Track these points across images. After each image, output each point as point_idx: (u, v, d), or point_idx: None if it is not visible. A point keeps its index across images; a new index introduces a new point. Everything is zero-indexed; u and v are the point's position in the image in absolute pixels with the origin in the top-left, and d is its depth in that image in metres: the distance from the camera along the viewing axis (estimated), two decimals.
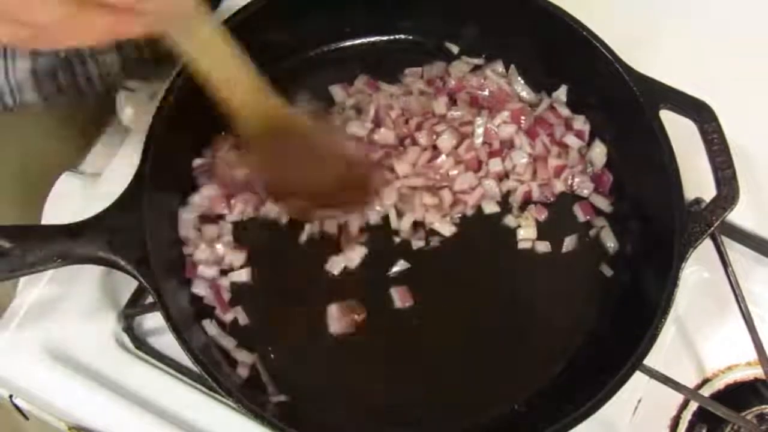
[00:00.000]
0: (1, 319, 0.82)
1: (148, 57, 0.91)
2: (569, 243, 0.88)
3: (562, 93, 0.93)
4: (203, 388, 0.81)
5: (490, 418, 0.81)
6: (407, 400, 0.81)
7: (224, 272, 0.84)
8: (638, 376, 0.76)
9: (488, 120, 0.90)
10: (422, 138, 0.89)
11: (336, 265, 0.85)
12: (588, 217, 0.89)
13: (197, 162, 0.86)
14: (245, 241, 0.85)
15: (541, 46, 0.93)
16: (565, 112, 0.92)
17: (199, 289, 0.82)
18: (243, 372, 0.80)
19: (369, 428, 0.81)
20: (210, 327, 0.81)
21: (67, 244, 0.74)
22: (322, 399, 0.80)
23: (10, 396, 0.80)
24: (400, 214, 0.87)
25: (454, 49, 0.95)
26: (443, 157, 0.88)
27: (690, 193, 0.85)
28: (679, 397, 0.86)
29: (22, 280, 0.84)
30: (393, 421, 0.81)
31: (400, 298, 0.84)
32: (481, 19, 0.92)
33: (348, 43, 0.95)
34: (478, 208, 0.89)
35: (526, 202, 0.89)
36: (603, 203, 0.90)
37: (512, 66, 0.94)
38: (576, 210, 0.90)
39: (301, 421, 0.75)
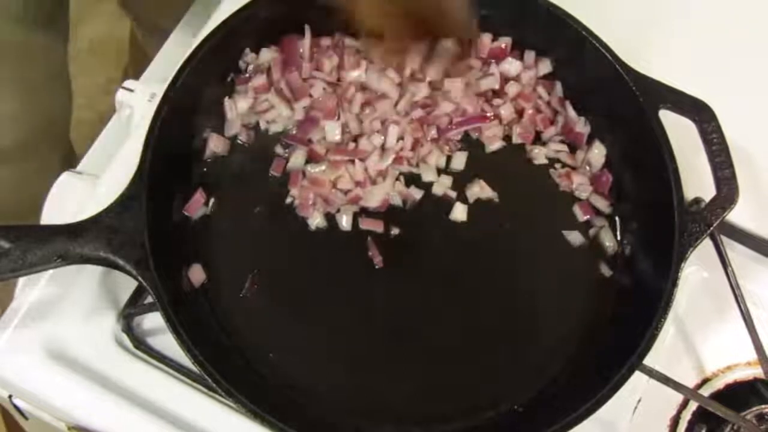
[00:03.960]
0: (1, 319, 0.82)
1: None
2: (569, 242, 0.88)
3: (558, 88, 0.94)
4: (203, 388, 0.81)
5: (490, 418, 0.81)
6: (406, 399, 0.81)
7: None
8: (638, 376, 0.76)
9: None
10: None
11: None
12: (587, 217, 0.89)
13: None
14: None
15: (540, 46, 0.93)
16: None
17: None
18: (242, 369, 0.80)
19: (367, 427, 0.80)
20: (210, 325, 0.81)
21: (67, 244, 0.74)
22: (321, 398, 0.80)
23: (10, 396, 0.80)
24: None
25: None
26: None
27: (689, 193, 0.85)
28: (679, 397, 0.86)
29: (22, 280, 0.84)
30: (392, 420, 0.81)
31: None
32: (480, 16, 0.92)
33: None
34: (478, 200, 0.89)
35: None
36: (602, 204, 0.90)
37: None
38: (576, 210, 0.90)
39: (301, 419, 0.75)
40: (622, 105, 0.86)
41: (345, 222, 0.87)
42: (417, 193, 0.89)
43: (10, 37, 1.03)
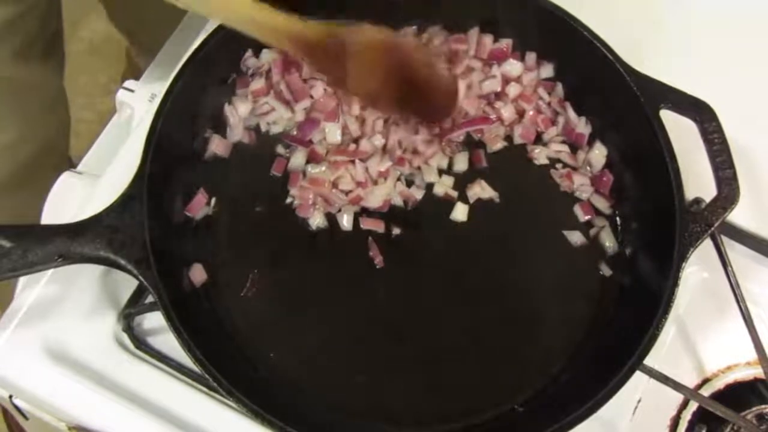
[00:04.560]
0: (1, 319, 0.82)
1: None
2: (569, 242, 0.88)
3: (559, 89, 0.94)
4: (203, 388, 0.81)
5: (490, 418, 0.81)
6: (406, 399, 0.81)
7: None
8: (638, 376, 0.76)
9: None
10: None
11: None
12: (588, 217, 0.90)
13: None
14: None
15: (541, 47, 0.93)
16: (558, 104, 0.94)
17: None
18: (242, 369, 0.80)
19: (368, 428, 0.81)
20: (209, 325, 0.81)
21: (68, 243, 0.74)
22: (321, 398, 0.80)
23: (10, 396, 0.80)
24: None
25: None
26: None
27: (690, 192, 0.85)
28: (679, 397, 0.86)
29: (22, 279, 0.84)
30: (392, 420, 0.81)
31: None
32: (480, 18, 0.93)
33: None
34: (478, 200, 0.89)
35: None
36: (603, 204, 0.90)
37: None
38: (576, 210, 0.90)
39: (301, 419, 0.75)
40: (623, 105, 0.86)
41: (346, 222, 0.87)
42: (418, 193, 0.89)
43: (9, 72, 1.05)
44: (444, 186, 0.90)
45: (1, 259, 0.72)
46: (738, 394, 0.87)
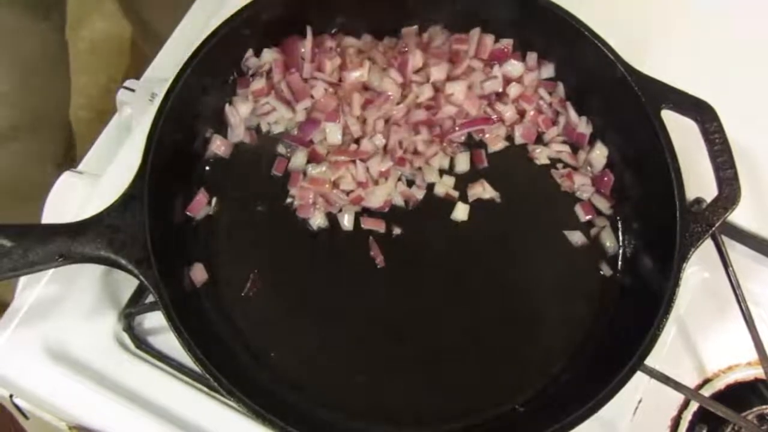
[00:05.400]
0: (1, 319, 0.82)
1: None
2: (570, 242, 0.88)
3: (560, 89, 0.94)
4: (204, 388, 0.81)
5: (490, 418, 0.81)
6: (406, 399, 0.81)
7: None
8: (639, 376, 0.76)
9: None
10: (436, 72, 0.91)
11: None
12: (589, 217, 0.90)
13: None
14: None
15: (542, 47, 0.93)
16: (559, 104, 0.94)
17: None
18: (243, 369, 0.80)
19: (367, 427, 0.80)
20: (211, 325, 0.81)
21: (68, 243, 0.74)
22: (321, 398, 0.80)
23: (11, 396, 0.80)
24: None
25: None
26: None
27: (691, 192, 0.85)
28: (680, 398, 0.86)
29: (22, 279, 0.84)
30: (392, 420, 0.81)
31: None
32: (482, 18, 0.93)
33: None
34: (479, 200, 0.89)
35: None
36: (604, 204, 0.90)
37: None
38: (577, 210, 0.90)
39: (301, 419, 0.75)
40: (624, 105, 0.86)
41: (347, 221, 0.87)
42: (419, 193, 0.89)
43: (13, 21, 1.07)
44: (445, 186, 0.90)
45: (2, 259, 0.72)
46: (739, 395, 0.87)
